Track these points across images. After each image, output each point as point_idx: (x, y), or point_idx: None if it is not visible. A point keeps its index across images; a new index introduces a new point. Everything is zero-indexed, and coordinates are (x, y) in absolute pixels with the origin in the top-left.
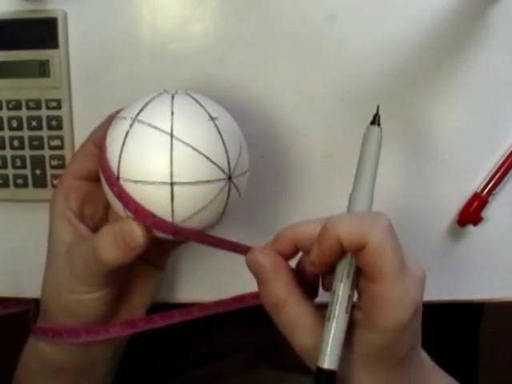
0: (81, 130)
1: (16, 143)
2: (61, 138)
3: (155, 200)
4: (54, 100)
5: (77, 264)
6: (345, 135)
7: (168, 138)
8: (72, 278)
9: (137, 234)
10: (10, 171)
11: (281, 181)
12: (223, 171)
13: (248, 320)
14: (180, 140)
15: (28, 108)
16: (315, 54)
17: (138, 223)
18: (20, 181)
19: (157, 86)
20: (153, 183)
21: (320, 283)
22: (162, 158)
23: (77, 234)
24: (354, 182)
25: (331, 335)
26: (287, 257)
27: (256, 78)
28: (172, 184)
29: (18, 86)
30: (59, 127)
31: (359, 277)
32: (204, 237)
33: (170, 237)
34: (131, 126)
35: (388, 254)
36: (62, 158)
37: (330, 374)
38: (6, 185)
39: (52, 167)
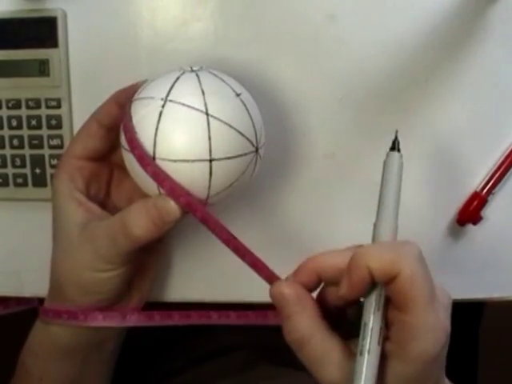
0: None
1: (16, 142)
2: (60, 137)
3: (193, 177)
4: (53, 99)
5: (101, 243)
6: (345, 135)
7: (204, 116)
8: (94, 256)
9: (173, 208)
10: (10, 170)
11: (280, 180)
12: (252, 144)
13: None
14: (215, 117)
15: (28, 107)
16: (315, 54)
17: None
18: (20, 180)
19: None
20: (192, 161)
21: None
22: (201, 136)
23: (89, 213)
24: (378, 211)
25: (364, 370)
26: (310, 289)
27: (255, 78)
28: (211, 161)
29: (18, 85)
30: (59, 126)
31: (388, 307)
32: (229, 237)
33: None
34: (163, 106)
35: (420, 283)
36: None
37: None
38: (5, 184)
39: (52, 166)
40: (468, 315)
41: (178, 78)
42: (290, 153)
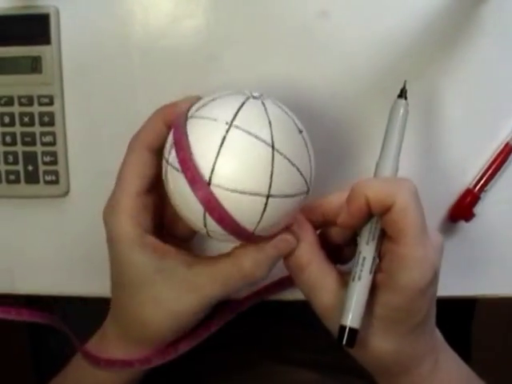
0: (73, 126)
1: (8, 139)
2: (53, 134)
3: (245, 210)
4: (46, 96)
5: (211, 290)
6: (337, 131)
7: (269, 149)
8: (201, 305)
9: (292, 242)
10: (2, 167)
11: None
12: (307, 184)
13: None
14: (280, 152)
15: (20, 104)
16: (307, 50)
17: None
18: (12, 177)
19: (148, 82)
20: (249, 194)
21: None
22: (263, 169)
23: (167, 259)
24: (381, 151)
25: (355, 294)
26: (316, 228)
27: (248, 74)
28: (268, 196)
29: (10, 82)
30: (51, 123)
31: (382, 241)
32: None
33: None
34: (228, 130)
35: (412, 215)
36: (54, 154)
37: (353, 332)
38: None
39: (44, 163)
40: (460, 311)
41: (243, 103)
42: None
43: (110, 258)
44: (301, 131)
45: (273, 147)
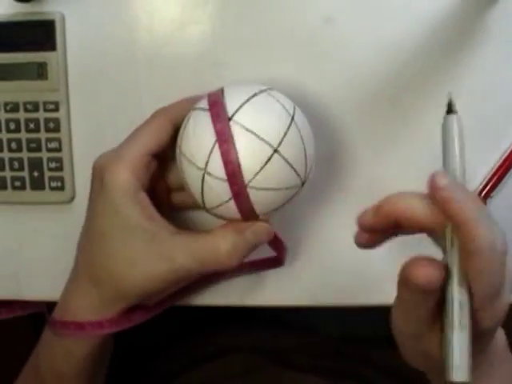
0: (78, 133)
1: (14, 145)
2: (58, 140)
3: (250, 153)
4: (51, 102)
5: (183, 264)
6: (343, 137)
7: (290, 117)
8: (170, 274)
9: (270, 231)
10: (8, 173)
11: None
12: (302, 178)
13: (248, 321)
14: (297, 124)
15: (26, 110)
16: (313, 56)
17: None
18: (18, 183)
19: (154, 88)
20: (261, 139)
21: None
22: (280, 128)
23: (155, 223)
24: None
25: (463, 346)
26: (386, 232)
27: (254, 80)
28: (275, 151)
29: (16, 88)
30: (57, 129)
31: None
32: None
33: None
34: (261, 91)
35: (490, 274)
36: (59, 160)
37: None
38: (3, 187)
39: (49, 169)
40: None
41: (269, 88)
42: None
43: (93, 208)
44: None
45: (293, 118)
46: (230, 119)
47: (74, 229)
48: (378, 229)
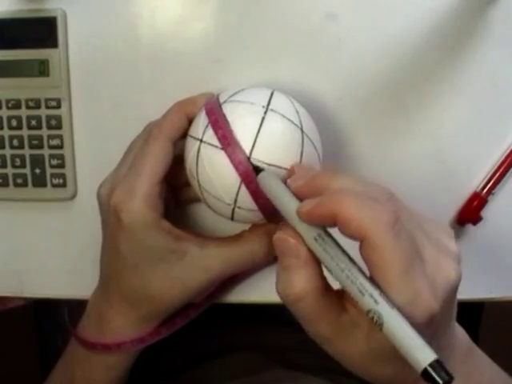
0: (80, 129)
1: (15, 142)
2: (60, 137)
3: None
4: (53, 99)
5: (219, 271)
6: (344, 134)
7: (300, 131)
8: (209, 282)
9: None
10: (10, 170)
11: None
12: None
13: (248, 319)
14: (307, 136)
15: (27, 107)
16: (315, 53)
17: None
18: (19, 180)
19: (156, 85)
20: (284, 168)
21: None
22: (296, 148)
23: (180, 242)
24: None
25: (405, 332)
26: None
27: (255, 77)
28: None
29: (18, 85)
30: (59, 126)
31: None
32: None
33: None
34: (266, 112)
35: (388, 254)
36: (61, 157)
37: (440, 363)
38: (5, 184)
39: (51, 166)
40: (468, 315)
41: (272, 93)
42: None
43: (115, 244)
44: (316, 129)
45: (302, 130)
46: (248, 158)
47: (76, 226)
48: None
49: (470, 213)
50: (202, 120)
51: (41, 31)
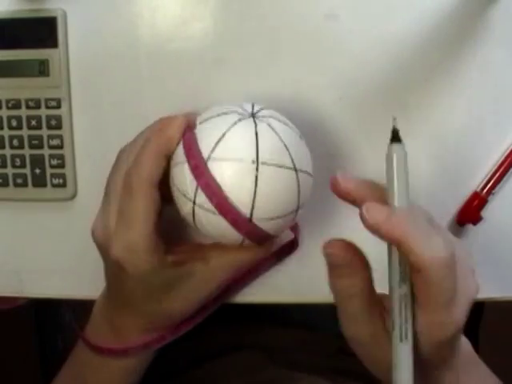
0: (80, 129)
1: (15, 142)
2: (60, 137)
3: (281, 229)
4: (53, 99)
5: (225, 277)
6: (344, 134)
7: (294, 173)
8: (215, 289)
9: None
10: (10, 170)
11: None
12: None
13: (249, 320)
14: (302, 171)
15: (27, 107)
16: (315, 53)
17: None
18: (19, 180)
19: (156, 85)
20: (285, 216)
21: None
22: (293, 191)
23: (184, 265)
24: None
25: (404, 367)
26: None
27: (255, 77)
28: (297, 210)
29: (18, 85)
30: (59, 126)
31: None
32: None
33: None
34: (257, 169)
35: (439, 287)
36: (61, 157)
37: None
38: (5, 184)
39: (51, 166)
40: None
41: (257, 134)
42: None
43: (123, 286)
44: (301, 136)
45: (295, 169)
46: (250, 219)
47: (76, 226)
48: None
49: (470, 213)
50: (188, 178)
51: (41, 31)
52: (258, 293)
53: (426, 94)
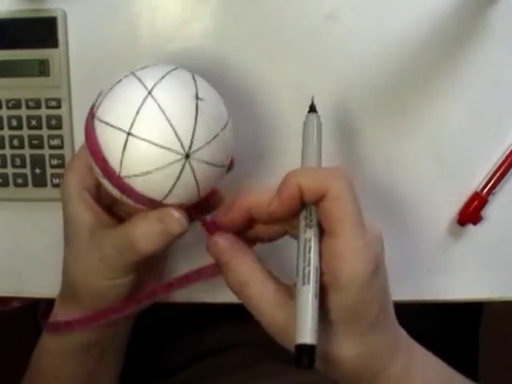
0: (80, 129)
1: (16, 142)
2: (60, 137)
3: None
4: (53, 99)
5: (108, 253)
6: (345, 135)
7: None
8: (104, 265)
9: (181, 222)
10: (10, 170)
11: (279, 181)
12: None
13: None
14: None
15: (28, 107)
16: (315, 53)
17: (178, 211)
18: (20, 180)
19: None
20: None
21: None
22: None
23: (97, 217)
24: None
25: (306, 304)
26: (242, 227)
27: (256, 77)
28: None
29: (18, 85)
30: (59, 126)
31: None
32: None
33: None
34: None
35: (347, 202)
36: (61, 157)
37: (311, 349)
38: (5, 184)
39: (52, 166)
40: (468, 315)
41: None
42: (288, 153)
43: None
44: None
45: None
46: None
47: None
48: (234, 225)
49: (471, 213)
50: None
51: (41, 31)
52: None
53: (425, 94)
